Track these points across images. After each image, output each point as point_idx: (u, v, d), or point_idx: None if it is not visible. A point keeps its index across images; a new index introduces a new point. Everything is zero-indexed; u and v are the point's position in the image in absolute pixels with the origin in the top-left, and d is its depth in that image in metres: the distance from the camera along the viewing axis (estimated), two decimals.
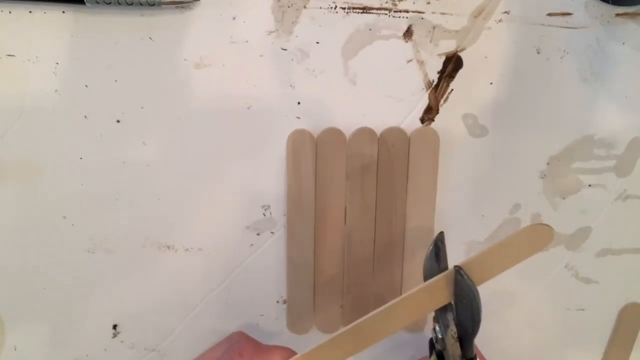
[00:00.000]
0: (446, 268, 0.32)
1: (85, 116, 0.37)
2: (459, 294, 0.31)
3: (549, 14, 0.37)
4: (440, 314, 0.32)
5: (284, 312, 0.41)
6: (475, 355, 0.32)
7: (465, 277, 0.31)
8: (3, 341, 0.41)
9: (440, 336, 0.32)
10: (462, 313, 0.31)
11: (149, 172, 0.38)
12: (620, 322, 0.43)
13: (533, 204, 0.40)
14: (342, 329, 0.31)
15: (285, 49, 0.36)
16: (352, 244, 0.40)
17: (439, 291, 0.31)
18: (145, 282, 0.40)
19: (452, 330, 0.32)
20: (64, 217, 0.39)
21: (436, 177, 0.39)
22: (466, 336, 0.31)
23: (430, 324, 0.42)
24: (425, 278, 0.32)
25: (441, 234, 0.33)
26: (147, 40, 0.36)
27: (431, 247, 0.32)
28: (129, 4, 0.34)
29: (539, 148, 0.39)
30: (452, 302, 0.31)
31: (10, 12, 0.35)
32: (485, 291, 0.42)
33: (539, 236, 0.31)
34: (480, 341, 0.43)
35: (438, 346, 0.33)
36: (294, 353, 0.32)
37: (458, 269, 0.31)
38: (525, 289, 0.42)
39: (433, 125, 0.38)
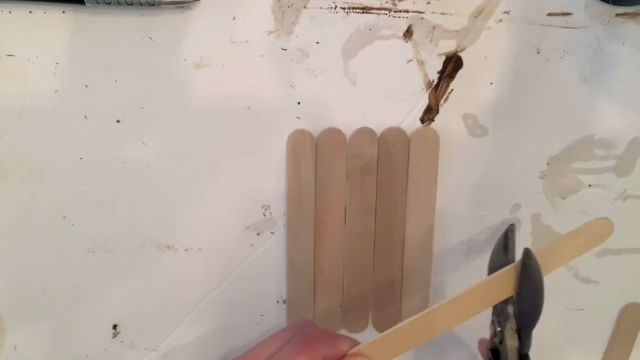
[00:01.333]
0: (513, 260, 0.32)
1: (85, 116, 0.37)
2: (524, 281, 0.31)
3: (549, 14, 0.37)
4: (501, 307, 0.32)
5: (284, 312, 0.41)
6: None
7: (534, 261, 0.31)
8: (3, 341, 0.41)
9: (498, 329, 0.32)
10: (525, 302, 0.31)
11: (149, 172, 0.38)
12: (620, 322, 0.43)
13: (533, 204, 0.40)
14: (409, 319, 0.31)
15: (285, 49, 0.36)
16: (352, 244, 0.40)
17: (505, 283, 0.32)
18: (145, 282, 0.40)
19: (512, 322, 0.32)
20: (64, 217, 0.39)
21: (436, 177, 0.39)
22: (526, 328, 0.31)
23: None
24: (491, 269, 0.33)
25: (512, 225, 0.33)
26: (147, 40, 0.36)
27: (501, 238, 0.33)
28: (129, 4, 0.34)
29: (539, 148, 0.39)
30: (515, 295, 0.32)
31: (10, 12, 0.35)
32: None
33: (600, 229, 0.33)
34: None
35: (495, 340, 0.33)
36: (358, 343, 0.32)
37: (527, 252, 0.31)
38: None
39: (433, 125, 0.38)
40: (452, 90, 0.38)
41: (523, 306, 0.32)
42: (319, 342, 0.31)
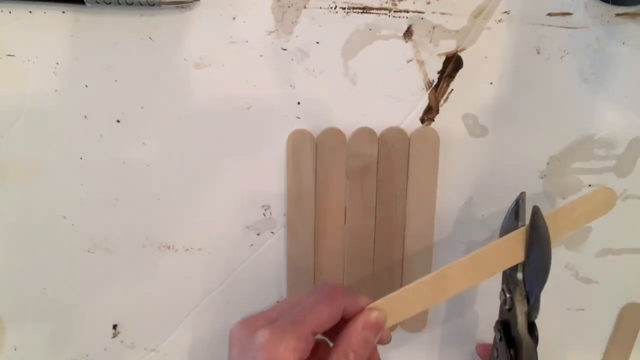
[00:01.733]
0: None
1: (85, 116, 0.37)
2: (533, 240, 0.33)
3: (549, 14, 0.37)
4: (510, 274, 0.34)
5: None
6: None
7: (542, 219, 0.33)
8: (3, 341, 0.41)
9: (508, 295, 0.34)
10: (533, 264, 0.33)
11: (149, 172, 0.38)
12: (620, 322, 0.43)
13: (533, 204, 0.40)
14: (421, 279, 0.33)
15: (285, 49, 0.36)
16: (352, 244, 0.39)
17: (515, 247, 0.33)
18: (145, 282, 0.40)
19: (521, 288, 0.34)
20: (64, 217, 0.39)
21: (436, 177, 0.39)
22: (534, 292, 0.33)
23: (428, 326, 0.42)
24: (502, 236, 0.34)
25: (523, 193, 0.35)
26: (147, 40, 0.36)
27: (512, 205, 0.35)
28: (129, 4, 0.34)
29: (539, 148, 0.39)
30: (525, 259, 0.33)
31: (10, 12, 0.35)
32: (485, 291, 0.43)
33: (603, 199, 0.34)
34: (480, 342, 0.43)
35: (505, 307, 0.35)
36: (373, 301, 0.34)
37: (536, 210, 0.33)
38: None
39: (433, 125, 0.38)
40: (452, 90, 0.38)
41: (531, 269, 0.33)
42: (339, 294, 0.33)
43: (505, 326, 0.35)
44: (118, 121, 0.37)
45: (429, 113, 0.38)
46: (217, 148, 0.38)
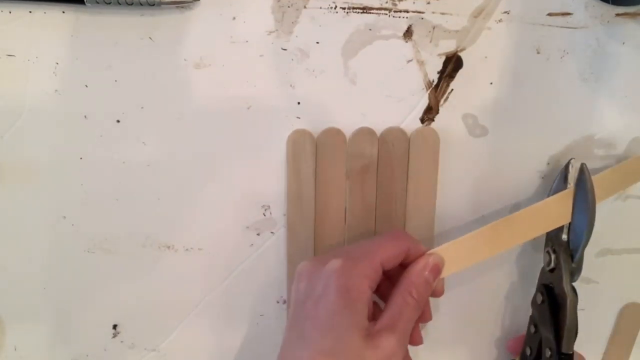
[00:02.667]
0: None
1: (85, 116, 0.37)
2: (579, 197, 0.35)
3: (549, 14, 0.37)
4: (556, 234, 0.37)
5: (284, 312, 0.41)
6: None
7: (588, 176, 0.35)
8: (3, 341, 0.41)
9: (553, 255, 0.37)
10: (579, 220, 0.35)
11: (149, 172, 0.38)
12: (620, 322, 0.43)
13: (533, 204, 0.40)
14: (476, 230, 0.35)
15: (285, 49, 0.36)
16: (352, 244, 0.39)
17: (562, 207, 0.36)
18: (145, 282, 0.40)
19: (566, 248, 0.36)
20: (64, 217, 0.39)
21: (436, 177, 0.39)
22: (578, 250, 0.36)
23: (428, 326, 0.42)
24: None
25: (572, 159, 0.37)
26: (147, 40, 0.36)
27: (561, 169, 0.37)
28: (129, 4, 0.34)
29: (539, 148, 0.39)
30: (571, 218, 0.36)
31: (10, 12, 0.35)
32: (485, 291, 0.42)
33: None
34: (480, 341, 0.44)
35: (548, 268, 0.37)
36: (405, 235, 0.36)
37: (583, 167, 0.36)
38: (526, 289, 0.42)
39: (433, 125, 0.38)
40: (452, 90, 0.38)
41: (576, 229, 0.36)
42: (405, 236, 0.36)
43: (548, 289, 0.37)
44: (118, 121, 0.37)
45: (429, 113, 0.38)
46: (217, 148, 0.38)
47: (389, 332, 0.31)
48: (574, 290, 0.36)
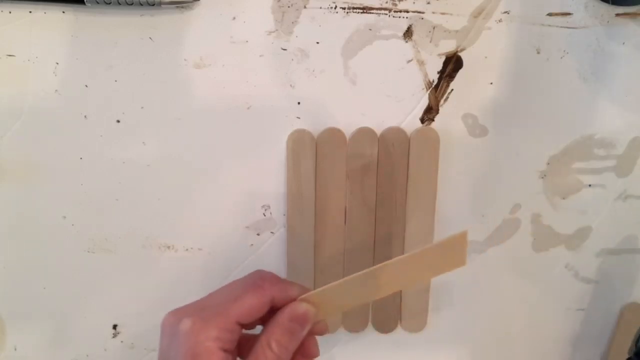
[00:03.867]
0: None
1: (85, 116, 0.37)
2: None
3: (549, 14, 0.37)
4: None
5: None
6: None
7: None
8: (3, 341, 0.41)
9: None
10: None
11: (149, 172, 0.38)
12: (620, 322, 0.43)
13: (533, 204, 0.40)
14: (356, 274, 0.32)
15: (285, 49, 0.36)
16: (352, 244, 0.39)
17: (455, 251, 0.31)
18: (145, 282, 0.40)
19: None
20: (64, 217, 0.39)
21: (436, 177, 0.39)
22: None
23: (428, 326, 0.42)
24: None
25: None
26: (147, 40, 0.36)
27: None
28: (129, 4, 0.34)
29: (539, 148, 0.39)
30: None
31: (10, 12, 0.35)
32: (485, 291, 0.42)
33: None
34: (480, 342, 0.44)
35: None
36: (308, 291, 0.33)
37: None
38: (526, 289, 0.42)
39: (433, 125, 0.38)
40: (452, 90, 0.38)
41: None
42: (267, 283, 0.32)
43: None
44: (118, 121, 0.37)
45: (429, 113, 0.38)
46: (217, 148, 0.38)
47: None
48: None
